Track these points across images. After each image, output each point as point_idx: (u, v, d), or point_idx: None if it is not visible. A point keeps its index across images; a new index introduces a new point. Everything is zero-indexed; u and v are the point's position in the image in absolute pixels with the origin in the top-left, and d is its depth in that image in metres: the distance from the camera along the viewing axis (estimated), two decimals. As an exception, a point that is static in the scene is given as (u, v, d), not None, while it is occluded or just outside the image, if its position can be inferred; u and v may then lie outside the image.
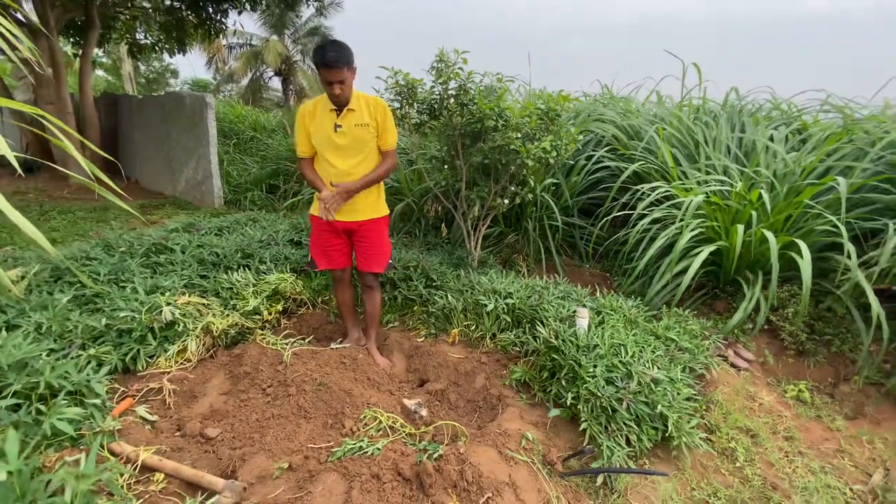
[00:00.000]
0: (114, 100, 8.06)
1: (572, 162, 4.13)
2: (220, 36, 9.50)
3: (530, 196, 3.42)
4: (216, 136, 5.80)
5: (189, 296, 2.68)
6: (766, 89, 4.32)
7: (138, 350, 2.26)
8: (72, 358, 2.06)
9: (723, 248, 3.13)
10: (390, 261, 2.60)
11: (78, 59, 8.27)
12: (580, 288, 3.04)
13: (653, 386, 2.16)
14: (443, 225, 3.86)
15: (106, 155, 2.10)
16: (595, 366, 2.19)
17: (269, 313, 2.84)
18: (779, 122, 3.93)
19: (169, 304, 2.43)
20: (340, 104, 2.26)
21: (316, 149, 2.38)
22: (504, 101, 2.90)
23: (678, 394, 2.23)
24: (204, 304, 2.60)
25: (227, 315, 2.64)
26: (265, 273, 3.11)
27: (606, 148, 3.94)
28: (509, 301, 2.70)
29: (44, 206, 5.59)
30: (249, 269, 3.13)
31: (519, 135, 2.86)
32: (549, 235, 4.26)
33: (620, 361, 2.23)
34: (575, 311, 2.58)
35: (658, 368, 2.31)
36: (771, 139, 3.70)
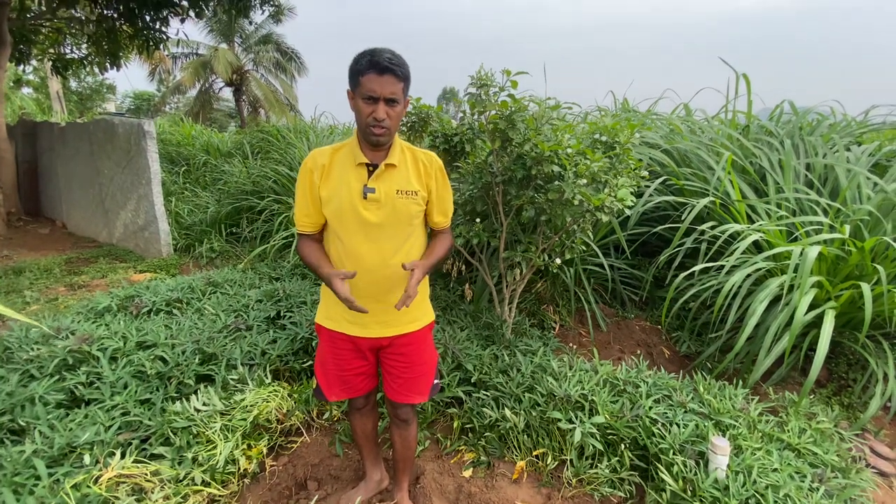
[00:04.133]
0: (32, 128, 6.74)
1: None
2: (161, 47, 8.30)
3: (583, 247, 2.66)
4: (159, 171, 4.74)
5: (123, 455, 1.75)
6: (829, 103, 3.77)
7: None
8: None
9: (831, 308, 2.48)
10: (437, 380, 1.75)
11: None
12: (669, 377, 2.31)
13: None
14: (466, 286, 3.04)
15: None
16: (772, 549, 1.44)
17: (249, 461, 1.94)
18: (843, 141, 3.35)
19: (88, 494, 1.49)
20: (379, 144, 1.42)
21: (330, 224, 1.51)
22: (562, 136, 2.13)
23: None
24: (146, 475, 1.67)
25: (185, 485, 1.73)
26: (237, 387, 2.20)
27: (657, 179, 3.23)
28: (597, 420, 1.92)
29: (-66, 271, 4.35)
30: (213, 384, 2.21)
31: (584, 181, 2.10)
32: (586, 281, 3.53)
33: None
34: (689, 427, 1.83)
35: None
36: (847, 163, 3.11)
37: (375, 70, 1.31)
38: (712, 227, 2.82)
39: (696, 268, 2.64)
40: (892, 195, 2.67)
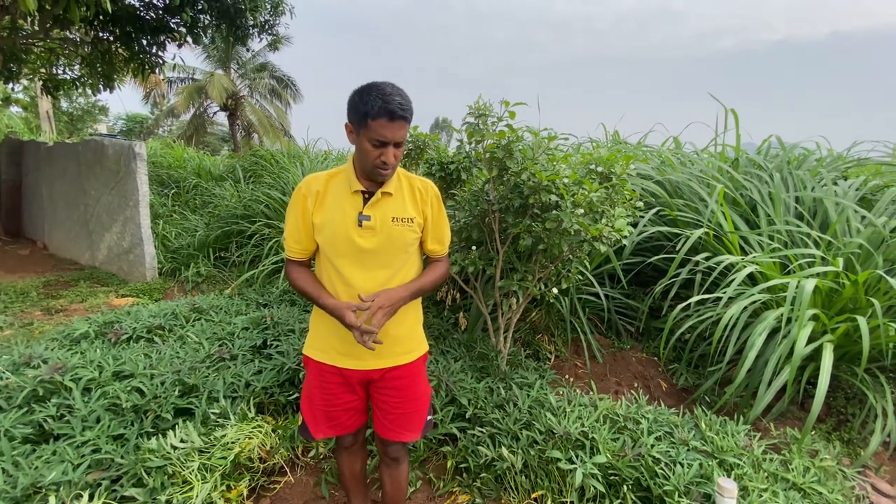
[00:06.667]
0: (18, 147, 6.64)
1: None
2: (157, 71, 8.32)
3: (579, 276, 2.63)
4: (148, 193, 4.66)
5: (92, 497, 1.61)
6: (815, 138, 3.89)
7: None
8: None
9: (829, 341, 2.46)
10: (430, 416, 1.66)
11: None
12: (670, 412, 2.25)
13: None
14: (461, 314, 2.98)
15: None
16: None
17: (228, 503, 1.81)
18: (829, 175, 3.42)
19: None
20: (384, 180, 1.40)
21: (323, 251, 1.46)
22: (558, 166, 2.12)
23: None
24: (114, 520, 1.54)
25: (157, 529, 1.59)
26: (218, 422, 2.08)
27: (651, 210, 3.25)
28: (599, 460, 1.83)
29: None
30: (193, 418, 2.09)
31: (581, 210, 2.09)
32: (581, 311, 3.49)
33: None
34: (693, 467, 1.76)
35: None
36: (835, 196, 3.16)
37: (387, 116, 1.27)
38: (706, 259, 2.82)
39: (693, 299, 2.62)
40: (882, 228, 2.71)
